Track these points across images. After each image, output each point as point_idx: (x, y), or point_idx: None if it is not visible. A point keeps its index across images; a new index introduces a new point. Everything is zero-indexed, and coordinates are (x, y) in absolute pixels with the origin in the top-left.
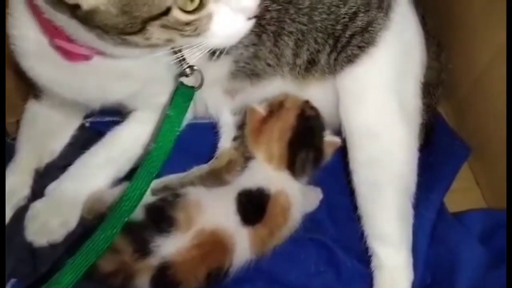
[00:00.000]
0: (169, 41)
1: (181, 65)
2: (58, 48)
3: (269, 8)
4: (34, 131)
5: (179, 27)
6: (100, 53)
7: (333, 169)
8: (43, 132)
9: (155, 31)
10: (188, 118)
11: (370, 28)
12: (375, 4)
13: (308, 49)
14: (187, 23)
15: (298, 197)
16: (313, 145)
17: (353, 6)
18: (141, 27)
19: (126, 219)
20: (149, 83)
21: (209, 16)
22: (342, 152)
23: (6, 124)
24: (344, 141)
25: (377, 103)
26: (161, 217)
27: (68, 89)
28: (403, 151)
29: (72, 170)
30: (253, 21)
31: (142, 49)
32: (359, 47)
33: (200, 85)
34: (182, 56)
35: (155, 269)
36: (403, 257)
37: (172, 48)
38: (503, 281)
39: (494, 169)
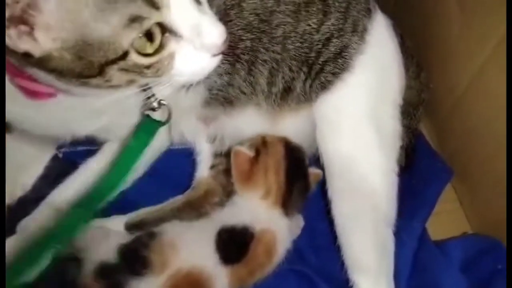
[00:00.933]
0: (131, 82)
1: (149, 99)
2: (20, 88)
3: (243, 38)
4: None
5: (139, 70)
6: (65, 91)
7: (312, 195)
8: (15, 164)
9: (114, 74)
10: (164, 145)
11: (344, 53)
12: (349, 28)
13: (283, 77)
14: (147, 66)
15: (285, 234)
16: (304, 175)
17: (327, 32)
18: (99, 71)
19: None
20: (118, 117)
21: (171, 56)
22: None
23: None
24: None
25: (354, 130)
26: (135, 259)
27: (36, 125)
28: (381, 178)
29: (44, 205)
30: (219, 57)
31: (105, 89)
32: (333, 74)
33: (167, 121)
34: (150, 93)
35: None
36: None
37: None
38: None
39: (477, 190)
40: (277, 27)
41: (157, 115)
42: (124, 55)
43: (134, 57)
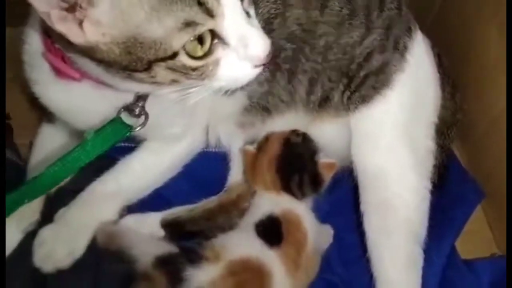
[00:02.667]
0: (175, 81)
1: (136, 103)
2: (49, 63)
3: (285, 47)
4: (46, 155)
5: (185, 71)
6: (95, 79)
7: (343, 207)
8: (55, 155)
9: (160, 71)
10: (200, 147)
11: (385, 69)
12: (391, 45)
13: (322, 87)
14: (194, 68)
15: (306, 214)
16: (305, 169)
17: (369, 47)
18: (147, 67)
19: None
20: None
21: (217, 62)
22: (354, 190)
23: (19, 146)
24: (356, 180)
25: (389, 145)
26: (191, 251)
27: (73, 116)
28: (414, 195)
29: (82, 197)
30: (260, 68)
31: (147, 85)
32: (374, 88)
33: (134, 129)
34: (186, 94)
35: None
36: None
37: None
38: None
39: (506, 213)
40: (319, 38)
41: (130, 121)
42: (174, 55)
43: (183, 58)
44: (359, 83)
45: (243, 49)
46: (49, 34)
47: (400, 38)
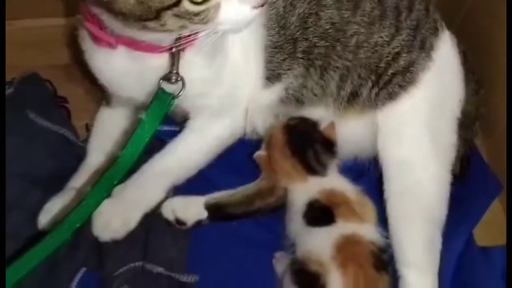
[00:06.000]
0: (182, 27)
1: (170, 73)
2: (88, 31)
3: (317, 45)
4: (104, 135)
5: (189, 16)
6: (127, 43)
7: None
8: (112, 137)
9: (168, 19)
10: (239, 133)
11: (412, 68)
12: (417, 45)
13: (352, 83)
14: (196, 13)
15: (340, 181)
16: (313, 140)
17: (397, 47)
18: (156, 15)
19: (78, 225)
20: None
21: (217, 6)
22: (378, 182)
23: (77, 127)
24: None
25: (413, 139)
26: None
27: (117, 86)
28: (435, 185)
29: (135, 177)
30: (259, 9)
31: (160, 33)
32: (400, 86)
33: (179, 95)
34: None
35: None
36: (429, 281)
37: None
38: None
39: None
40: (351, 37)
41: (171, 88)
42: (178, 2)
43: (186, 4)
44: (386, 80)
45: None
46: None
47: (427, 38)
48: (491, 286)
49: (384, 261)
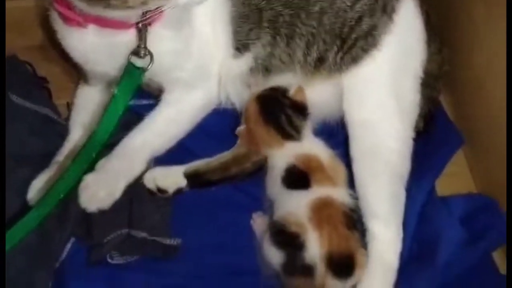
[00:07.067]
0: (143, 3)
1: (138, 47)
2: (58, 13)
3: (282, 13)
4: (84, 113)
5: None
6: (95, 21)
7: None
8: (91, 112)
9: None
10: (214, 104)
11: (373, 32)
12: (379, 8)
13: (317, 49)
14: None
15: (315, 145)
16: (284, 105)
17: (359, 11)
18: None
19: (62, 196)
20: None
21: None
22: (346, 142)
23: (58, 106)
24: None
25: (377, 100)
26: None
27: (91, 63)
28: (398, 142)
29: (116, 150)
30: None
31: (124, 10)
32: (363, 50)
33: (148, 68)
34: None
35: None
36: (393, 232)
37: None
38: (477, 255)
39: (487, 157)
40: (314, 4)
41: (140, 63)
42: None
43: None
44: (350, 45)
45: None
46: None
47: (389, 1)
48: (450, 233)
49: (354, 220)
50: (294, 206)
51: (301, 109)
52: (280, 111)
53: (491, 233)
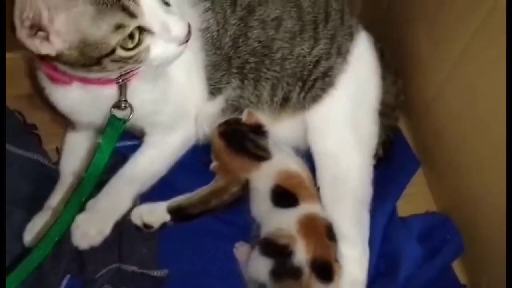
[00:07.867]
0: (120, 67)
1: (119, 101)
2: (45, 74)
3: (249, 61)
4: (73, 157)
5: (124, 60)
6: (79, 80)
7: None
8: (80, 157)
9: (107, 64)
10: (192, 141)
11: (330, 73)
12: (335, 51)
13: (282, 90)
14: (130, 57)
15: (288, 158)
16: (245, 132)
17: (316, 55)
18: (97, 62)
19: (57, 239)
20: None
21: (148, 48)
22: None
23: (48, 151)
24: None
25: (337, 134)
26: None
27: (78, 116)
28: (359, 171)
29: (104, 190)
30: (185, 45)
31: (103, 73)
32: (322, 89)
33: (128, 120)
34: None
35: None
36: (359, 252)
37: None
38: (436, 268)
39: (442, 178)
40: (277, 51)
41: (121, 114)
42: (113, 51)
43: (120, 52)
44: (310, 86)
45: (167, 33)
46: None
47: (343, 44)
48: (408, 250)
49: (333, 233)
50: (285, 222)
51: (259, 130)
52: (244, 139)
53: (448, 247)
